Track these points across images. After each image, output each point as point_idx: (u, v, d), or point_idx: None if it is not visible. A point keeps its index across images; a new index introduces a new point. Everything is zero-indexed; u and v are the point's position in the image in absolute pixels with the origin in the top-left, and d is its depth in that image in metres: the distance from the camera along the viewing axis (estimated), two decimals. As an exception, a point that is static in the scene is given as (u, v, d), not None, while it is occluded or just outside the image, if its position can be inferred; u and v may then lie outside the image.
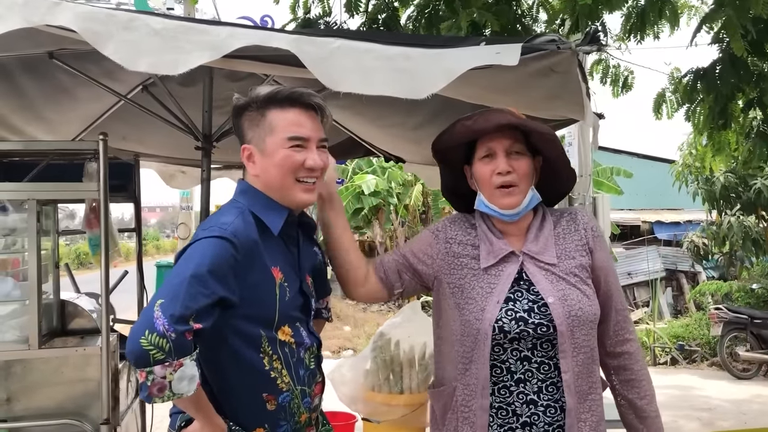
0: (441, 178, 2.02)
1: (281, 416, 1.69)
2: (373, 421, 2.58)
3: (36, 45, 2.64)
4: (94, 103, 3.77)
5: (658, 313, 12.29)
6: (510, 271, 1.79)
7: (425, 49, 1.98)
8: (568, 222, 1.87)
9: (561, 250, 1.82)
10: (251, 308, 1.62)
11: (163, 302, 1.46)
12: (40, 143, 3.31)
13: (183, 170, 4.92)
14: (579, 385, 1.74)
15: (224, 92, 3.54)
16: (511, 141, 1.79)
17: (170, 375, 1.45)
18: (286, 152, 1.69)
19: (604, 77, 5.85)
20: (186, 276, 1.49)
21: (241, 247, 1.59)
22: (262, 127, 1.70)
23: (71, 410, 2.84)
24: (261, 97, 1.71)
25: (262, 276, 1.65)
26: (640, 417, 1.87)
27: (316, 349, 1.80)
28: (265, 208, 1.70)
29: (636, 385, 1.87)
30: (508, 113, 1.78)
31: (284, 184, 1.71)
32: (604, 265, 1.86)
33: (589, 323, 1.77)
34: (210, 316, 1.51)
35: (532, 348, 1.74)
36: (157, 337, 1.42)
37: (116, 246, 3.32)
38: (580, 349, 1.74)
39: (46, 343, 2.91)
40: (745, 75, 4.37)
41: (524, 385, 1.74)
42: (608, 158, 16.09)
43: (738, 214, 11.40)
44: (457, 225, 1.91)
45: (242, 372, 1.65)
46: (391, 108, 3.51)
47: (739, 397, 7.87)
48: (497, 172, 1.78)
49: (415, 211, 15.04)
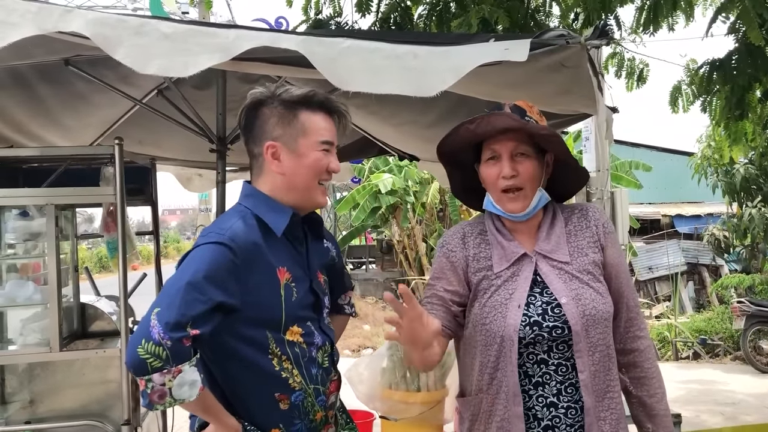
0: (449, 178, 1.99)
1: (295, 415, 1.69)
2: (390, 419, 2.58)
3: (51, 52, 2.68)
4: (110, 109, 3.82)
5: (679, 308, 12.17)
6: (526, 273, 1.77)
7: (434, 47, 1.98)
8: (579, 218, 1.85)
9: (573, 248, 1.80)
10: (255, 311, 1.62)
11: (159, 310, 1.48)
12: (57, 149, 3.36)
13: (200, 173, 4.97)
14: (596, 384, 1.72)
15: (238, 94, 3.57)
16: (515, 143, 1.76)
17: (169, 382, 1.46)
18: (318, 155, 1.71)
19: (619, 70, 5.79)
20: (182, 284, 1.50)
21: (241, 250, 1.59)
22: (294, 127, 1.71)
23: (93, 411, 2.89)
24: (294, 98, 1.71)
25: (265, 278, 1.64)
26: (650, 414, 1.85)
27: (329, 347, 1.79)
28: (268, 210, 1.71)
29: (646, 382, 1.85)
30: (509, 117, 1.75)
31: (310, 185, 1.73)
32: (615, 261, 1.83)
33: (604, 321, 1.75)
34: (208, 321, 1.51)
35: (548, 350, 1.73)
36: (153, 346, 1.43)
37: (134, 249, 3.37)
38: (596, 348, 1.73)
39: (66, 345, 2.96)
40: (762, 65, 4.31)
41: (543, 388, 1.73)
42: (627, 152, 15.94)
43: (759, 205, 11.25)
44: (466, 238, 1.86)
45: (252, 375, 1.66)
46: (405, 106, 3.51)
47: (763, 391, 7.77)
48: (502, 175, 1.77)
49: (432, 209, 15.01)
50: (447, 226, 14.82)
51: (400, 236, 15.49)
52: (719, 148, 7.80)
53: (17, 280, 3.07)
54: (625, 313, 1.84)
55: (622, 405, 1.80)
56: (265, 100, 1.73)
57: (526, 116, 1.79)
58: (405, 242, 15.27)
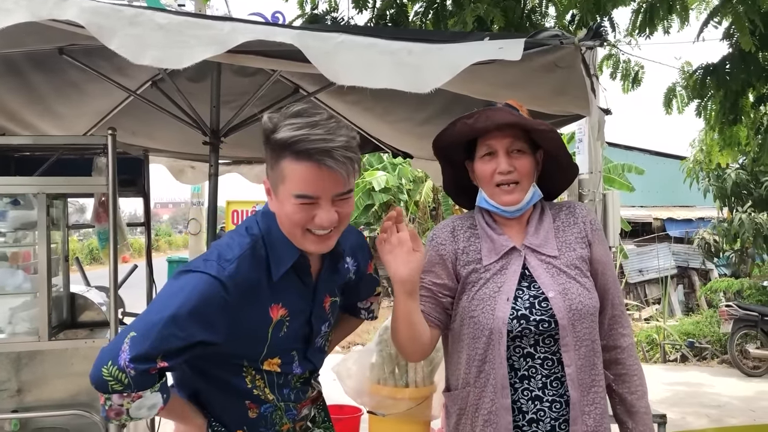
0: (443, 175, 2.00)
1: (261, 424, 1.69)
2: (378, 414, 2.59)
3: (45, 41, 2.67)
4: (104, 99, 3.81)
5: (669, 311, 12.24)
6: (515, 267, 1.78)
7: (429, 44, 1.99)
8: (567, 215, 1.87)
9: (561, 243, 1.82)
10: (236, 345, 1.57)
11: (134, 336, 1.44)
12: (50, 138, 3.35)
13: (192, 165, 4.96)
14: (582, 378, 1.74)
15: (232, 87, 3.58)
16: (511, 139, 1.77)
17: (128, 404, 1.45)
18: (293, 207, 1.50)
19: (614, 72, 5.82)
20: (165, 315, 1.45)
21: (237, 288, 1.51)
22: (276, 171, 1.51)
23: (81, 401, 2.89)
24: (279, 141, 1.46)
25: (255, 316, 1.57)
26: (630, 412, 1.87)
27: (307, 375, 1.73)
28: (278, 243, 1.58)
29: (627, 380, 1.87)
30: (508, 112, 1.76)
31: (293, 233, 1.55)
32: (602, 258, 1.85)
33: (590, 316, 1.77)
34: (181, 355, 1.48)
35: (535, 344, 1.74)
36: (117, 370, 1.41)
37: (125, 240, 3.36)
38: (582, 342, 1.74)
39: (55, 335, 2.95)
40: (756, 70, 4.35)
41: (528, 382, 1.74)
42: (620, 155, 16.01)
43: (749, 210, 11.33)
44: (455, 232, 1.87)
45: (225, 388, 1.65)
46: (399, 103, 3.52)
47: (748, 394, 7.84)
48: (498, 171, 1.77)
49: (425, 207, 15.04)
50: (439, 225, 14.83)
51: (392, 234, 15.49)
52: (709, 153, 7.85)
53: (7, 268, 3.06)
54: (609, 310, 1.86)
55: (605, 399, 1.81)
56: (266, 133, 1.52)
57: (518, 113, 1.80)
58: (397, 240, 15.27)
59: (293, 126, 1.46)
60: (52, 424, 2.91)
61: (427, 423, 2.69)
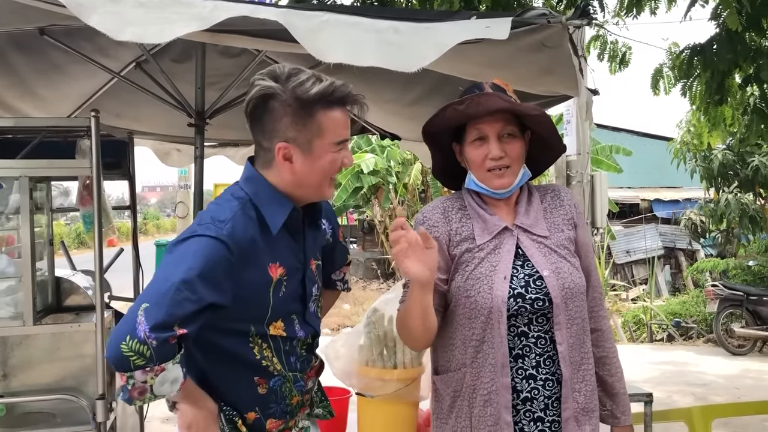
0: (432, 159, 1.99)
1: (272, 399, 1.68)
2: (366, 396, 2.59)
3: (26, 21, 2.62)
4: (87, 81, 3.76)
5: (655, 291, 12.35)
6: (509, 246, 1.78)
7: (415, 23, 1.97)
8: (553, 197, 1.89)
9: (550, 224, 1.84)
10: (243, 307, 1.58)
11: (147, 307, 1.41)
12: (32, 120, 3.30)
13: (178, 148, 4.91)
14: (573, 356, 1.76)
15: (218, 68, 3.53)
16: (503, 124, 1.76)
17: (151, 380, 1.42)
18: (333, 156, 1.60)
19: (601, 53, 5.82)
20: (174, 281, 1.43)
21: (238, 248, 1.53)
22: (309, 129, 1.56)
23: (67, 386, 2.87)
24: (312, 96, 1.54)
25: (257, 275, 1.59)
26: (610, 394, 1.90)
27: (310, 339, 1.76)
28: (268, 201, 1.62)
29: (607, 362, 1.90)
30: (498, 97, 1.74)
31: (322, 184, 1.64)
32: (585, 241, 1.88)
33: (581, 295, 1.79)
34: (196, 320, 1.46)
35: (528, 323, 1.75)
36: (137, 344, 1.38)
37: (110, 223, 3.33)
38: (573, 321, 1.76)
39: (40, 319, 2.92)
40: (742, 50, 4.34)
41: (522, 361, 1.75)
42: (608, 136, 16.06)
43: (735, 191, 11.41)
44: (447, 212, 1.86)
45: (232, 362, 1.64)
46: (386, 84, 3.49)
47: (733, 372, 7.94)
48: (490, 157, 1.76)
49: (414, 189, 15.04)
50: (428, 207, 14.83)
51: (381, 217, 15.51)
52: (698, 134, 7.87)
53: (-9, 253, 3.03)
54: (591, 292, 1.87)
55: (594, 377, 1.83)
56: (276, 95, 1.55)
57: (506, 94, 1.79)
58: (386, 223, 15.29)
59: (312, 80, 1.55)
60: (39, 409, 2.89)
61: (416, 404, 2.69)
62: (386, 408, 2.57)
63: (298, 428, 1.80)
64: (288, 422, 1.75)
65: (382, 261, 15.99)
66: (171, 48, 3.50)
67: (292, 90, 1.54)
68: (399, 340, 2.59)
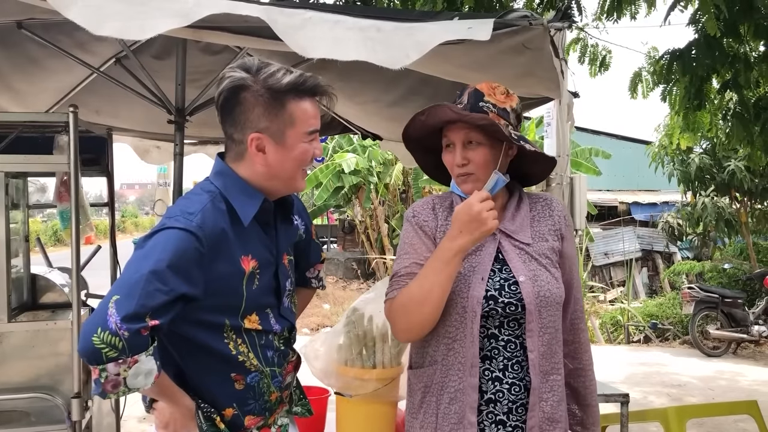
0: (416, 161, 2.04)
1: (250, 396, 1.68)
2: (345, 395, 2.59)
3: (3, 13, 2.59)
4: (65, 76, 3.71)
5: (633, 293, 12.47)
6: (490, 249, 1.80)
7: (398, 23, 1.97)
8: (543, 207, 1.91)
9: (535, 232, 1.85)
10: (216, 299, 1.57)
11: (118, 299, 1.40)
12: (8, 115, 3.25)
13: (158, 145, 4.87)
14: (543, 364, 1.77)
15: (199, 66, 3.51)
16: (465, 131, 1.79)
17: (124, 372, 1.41)
18: (305, 146, 1.62)
19: (582, 56, 5.87)
20: (144, 272, 1.43)
21: (207, 239, 1.52)
22: (281, 118, 1.58)
23: (42, 384, 2.83)
24: (283, 86, 1.56)
25: (229, 268, 1.58)
26: (582, 405, 1.94)
27: (286, 332, 1.76)
28: (238, 194, 1.62)
29: (582, 374, 1.93)
30: (449, 108, 1.76)
31: (295, 175, 1.65)
32: (570, 254, 1.90)
33: (556, 305, 1.80)
34: (168, 312, 1.46)
35: (499, 326, 1.76)
36: (109, 335, 1.37)
37: (88, 220, 3.29)
38: (546, 330, 1.77)
39: (15, 316, 2.89)
40: (720, 56, 4.41)
41: (490, 362, 1.76)
42: (587, 139, 16.18)
43: (712, 195, 11.56)
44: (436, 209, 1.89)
45: (208, 357, 1.63)
46: (368, 85, 3.50)
47: (707, 373, 8.04)
48: (455, 163, 1.81)
49: (395, 190, 15.05)
50: (409, 208, 14.86)
51: (362, 217, 15.50)
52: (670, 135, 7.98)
53: (-36, 249, 2.98)
54: (572, 305, 1.90)
55: (563, 387, 1.85)
56: (247, 86, 1.57)
57: (482, 101, 1.79)
58: (367, 223, 15.29)
59: (282, 71, 1.58)
60: (13, 408, 2.85)
61: (394, 404, 2.69)
62: (365, 407, 2.56)
63: (277, 426, 1.79)
64: (267, 419, 1.75)
65: (362, 261, 15.98)
66: (151, 44, 3.47)
67: (264, 81, 1.57)
68: (378, 340, 2.59)
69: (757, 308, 9.35)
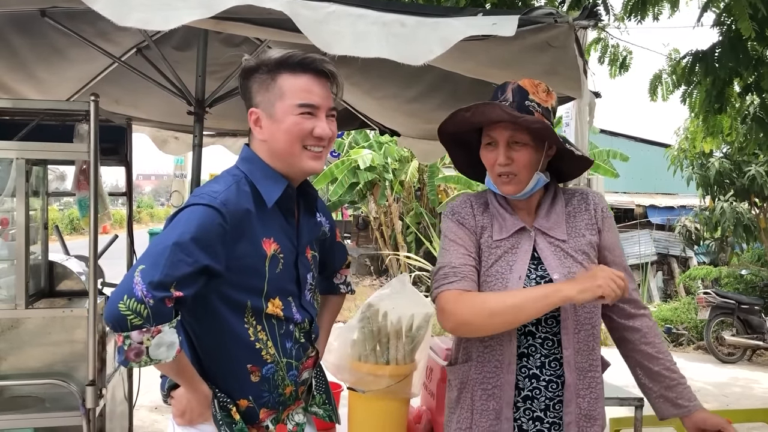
0: (450, 156, 2.03)
1: (265, 388, 1.68)
2: (358, 391, 2.58)
3: (27, 1, 2.60)
4: (87, 65, 3.73)
5: (647, 297, 12.38)
6: (526, 247, 1.81)
7: (421, 17, 1.95)
8: (579, 201, 1.89)
9: (571, 228, 1.84)
10: (239, 277, 1.60)
11: (144, 268, 1.44)
12: (30, 102, 3.27)
13: (176, 136, 4.89)
14: (579, 361, 1.77)
15: (219, 57, 3.52)
16: (511, 132, 1.77)
17: (148, 341, 1.43)
18: (295, 119, 1.63)
19: (602, 56, 5.80)
20: (168, 243, 1.47)
21: (231, 216, 1.55)
22: (272, 92, 1.64)
23: (57, 371, 2.86)
24: (272, 61, 1.64)
25: (252, 248, 1.61)
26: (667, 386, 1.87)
27: (307, 324, 1.76)
28: (263, 178, 1.66)
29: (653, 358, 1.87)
30: (500, 108, 1.73)
31: (292, 151, 1.65)
32: (610, 244, 1.87)
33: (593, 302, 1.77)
34: (192, 284, 1.48)
35: (537, 323, 1.77)
36: (135, 303, 1.40)
37: (106, 209, 3.31)
38: (581, 327, 1.77)
39: (33, 303, 2.91)
40: (744, 59, 4.34)
41: (527, 360, 1.78)
42: (605, 141, 16.06)
43: (731, 200, 11.42)
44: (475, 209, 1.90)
45: (228, 341, 1.64)
46: (388, 80, 3.48)
47: (722, 380, 7.97)
48: (498, 163, 1.79)
49: (410, 187, 15.01)
50: (424, 205, 14.84)
51: (376, 213, 15.49)
52: (693, 139, 7.88)
53: (-16, 235, 3.01)
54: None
55: (602, 385, 1.84)
56: (253, 67, 1.67)
57: (527, 99, 1.77)
58: (381, 219, 15.28)
59: (281, 51, 1.64)
60: (28, 393, 2.88)
61: (407, 401, 2.68)
62: (377, 403, 2.56)
63: (293, 422, 1.79)
64: (281, 413, 1.74)
65: (375, 257, 15.98)
66: (173, 35, 3.48)
67: (260, 60, 1.66)
68: (393, 336, 2.58)
69: (774, 315, 9.24)
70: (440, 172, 14.32)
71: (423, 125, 4.12)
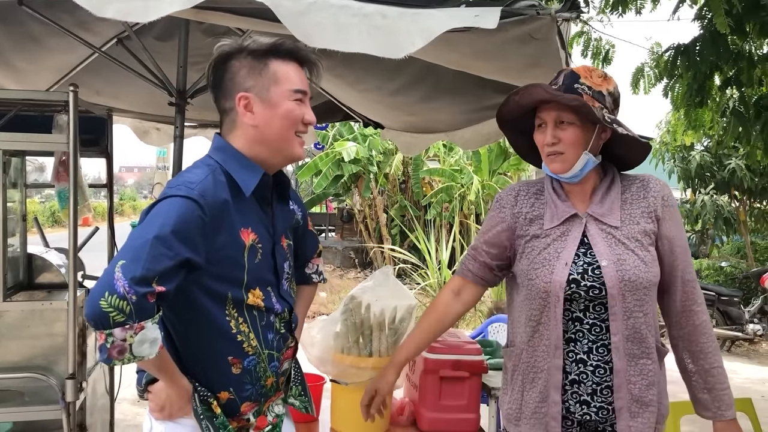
0: (510, 143, 2.10)
1: (246, 380, 1.68)
2: (341, 383, 2.59)
3: (4, -10, 2.56)
4: (66, 55, 3.68)
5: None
6: (575, 234, 1.83)
7: (403, 8, 1.95)
8: (639, 188, 1.89)
9: (626, 215, 1.85)
10: (219, 268, 1.58)
11: (124, 263, 1.41)
12: (7, 92, 3.22)
13: (158, 127, 4.85)
14: (629, 348, 1.79)
15: (201, 48, 3.48)
16: (557, 112, 1.82)
17: (131, 338, 1.40)
18: (291, 104, 1.66)
19: (585, 50, 5.83)
20: (149, 237, 1.44)
21: (209, 207, 1.54)
22: (265, 77, 1.65)
23: (37, 364, 2.82)
24: (263, 47, 1.66)
25: (230, 239, 1.60)
26: (708, 388, 1.91)
27: (287, 314, 1.76)
28: (239, 167, 1.65)
29: (702, 357, 1.89)
30: (543, 89, 1.81)
31: (287, 136, 1.68)
32: (671, 234, 1.86)
33: (644, 289, 1.78)
34: (174, 278, 1.46)
35: (585, 309, 1.80)
36: (117, 299, 1.37)
37: (86, 201, 3.28)
38: (631, 313, 1.78)
39: (11, 296, 2.88)
40: (724, 53, 4.37)
41: (575, 345, 1.81)
42: (588, 134, 16.12)
43: (712, 193, 11.56)
44: (519, 196, 1.96)
45: (209, 334, 1.62)
46: (371, 72, 3.47)
47: (702, 371, 8.05)
48: (545, 143, 1.85)
49: (395, 180, 15.02)
50: (409, 198, 14.86)
51: (361, 205, 15.48)
52: (674, 132, 7.96)
53: (-39, 226, 2.96)
54: (680, 286, 1.87)
55: (658, 373, 1.85)
56: (233, 53, 1.67)
57: (577, 83, 1.82)
58: (366, 212, 15.27)
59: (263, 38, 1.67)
60: (7, 387, 2.84)
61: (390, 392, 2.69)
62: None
63: (273, 414, 1.79)
64: (262, 405, 1.74)
65: (360, 250, 15.97)
66: (154, 25, 3.42)
67: (247, 46, 1.67)
68: (375, 328, 2.58)
69: (752, 307, 9.37)
70: (425, 164, 14.34)
71: (406, 117, 4.12)
